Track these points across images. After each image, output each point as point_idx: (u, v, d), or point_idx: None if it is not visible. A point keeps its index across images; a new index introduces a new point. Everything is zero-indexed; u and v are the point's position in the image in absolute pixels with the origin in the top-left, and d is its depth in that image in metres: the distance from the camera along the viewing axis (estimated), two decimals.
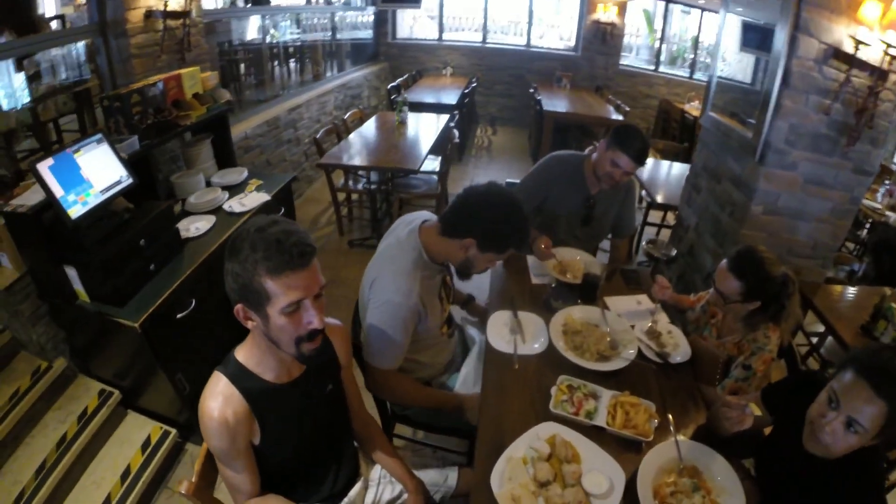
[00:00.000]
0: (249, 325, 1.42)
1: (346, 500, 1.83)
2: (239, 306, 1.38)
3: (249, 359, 1.52)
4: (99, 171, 2.45)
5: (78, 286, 2.45)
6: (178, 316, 2.63)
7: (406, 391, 2.14)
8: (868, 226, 4.97)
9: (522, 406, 1.92)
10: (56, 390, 2.70)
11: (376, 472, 1.95)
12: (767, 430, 1.89)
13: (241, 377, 1.49)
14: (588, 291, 2.51)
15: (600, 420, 1.83)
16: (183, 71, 3.39)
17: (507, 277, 2.74)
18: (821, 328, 3.43)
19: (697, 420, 1.92)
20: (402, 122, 5.87)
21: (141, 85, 3.04)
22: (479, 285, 2.69)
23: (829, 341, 3.41)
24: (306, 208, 6.05)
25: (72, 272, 2.41)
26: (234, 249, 1.33)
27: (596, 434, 1.79)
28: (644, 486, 1.58)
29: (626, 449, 1.77)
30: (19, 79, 3.10)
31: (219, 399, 1.44)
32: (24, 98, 3.17)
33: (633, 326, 2.31)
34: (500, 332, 2.28)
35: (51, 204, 2.23)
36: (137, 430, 2.80)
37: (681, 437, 1.79)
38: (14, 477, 2.35)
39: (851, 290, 3.30)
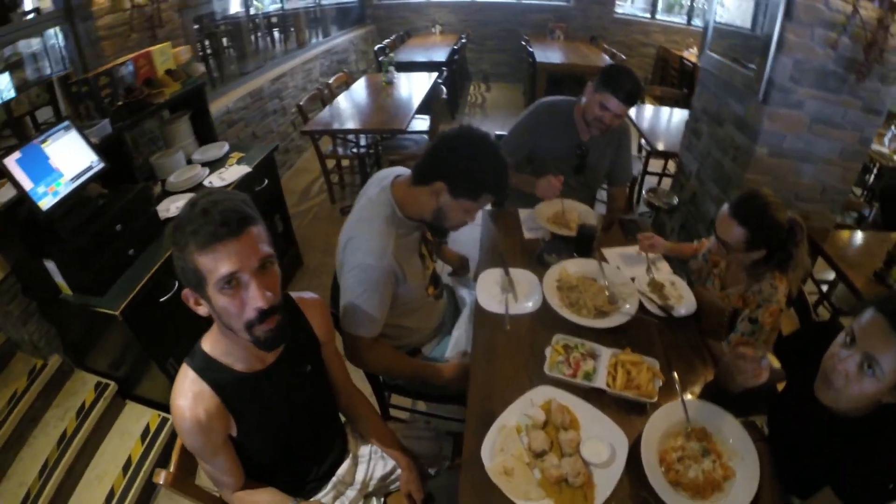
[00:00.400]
0: (200, 310, 1.30)
1: (334, 479, 1.74)
2: (186, 291, 1.28)
3: (216, 348, 1.40)
4: (68, 159, 2.39)
5: (59, 279, 2.38)
6: (161, 300, 2.54)
7: (386, 362, 2.02)
8: (875, 171, 4.81)
9: (515, 370, 1.81)
10: (53, 387, 2.66)
11: (366, 447, 1.85)
12: (781, 386, 1.75)
13: (209, 369, 1.38)
14: (583, 244, 2.37)
15: (600, 381, 1.71)
16: (153, 48, 3.27)
17: (497, 234, 2.62)
18: (830, 275, 3.34)
19: (705, 377, 1.79)
20: (390, 83, 5.76)
21: (108, 66, 2.95)
22: (474, 244, 2.58)
23: (841, 289, 3.29)
24: (297, 179, 5.98)
25: (51, 265, 2.34)
26: (172, 230, 1.22)
27: (595, 397, 1.68)
28: (649, 452, 1.47)
29: (629, 412, 1.65)
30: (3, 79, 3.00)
31: (188, 397, 1.34)
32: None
33: (633, 279, 2.19)
34: (490, 291, 2.16)
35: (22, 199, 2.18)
36: (136, 419, 2.76)
37: (688, 397, 1.66)
38: (19, 479, 2.33)
39: (862, 236, 3.17)
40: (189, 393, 1.35)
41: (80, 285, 2.38)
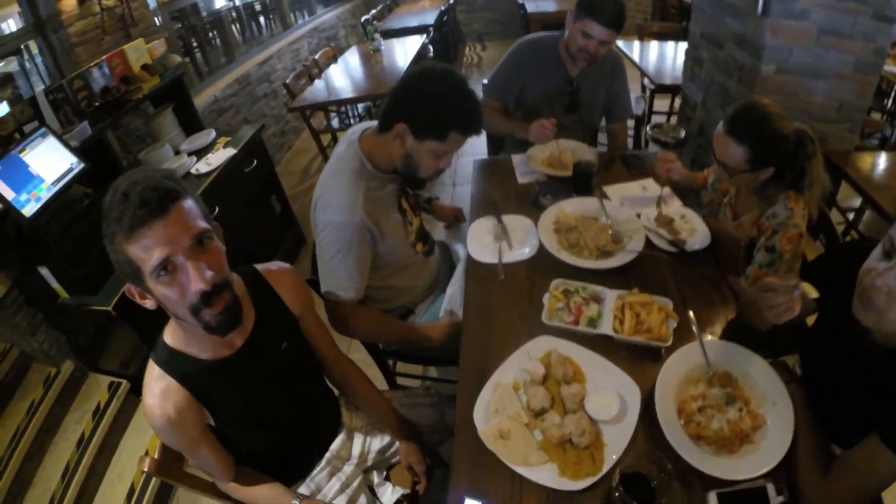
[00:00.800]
0: (147, 304, 1.19)
1: (328, 455, 1.66)
2: (128, 286, 1.18)
3: (177, 339, 1.32)
4: (48, 164, 2.46)
5: (55, 284, 2.45)
6: None
7: (371, 327, 1.92)
8: (894, 94, 4.60)
9: (511, 323, 1.68)
10: (69, 393, 2.72)
11: (361, 420, 1.76)
12: (811, 320, 1.54)
13: (173, 362, 1.30)
14: (581, 181, 2.22)
15: (605, 327, 1.57)
16: (126, 46, 3.30)
17: (489, 183, 2.47)
18: (856, 202, 3.19)
19: (726, 315, 1.63)
20: (377, 50, 5.65)
21: (81, 70, 2.99)
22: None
23: (868, 215, 3.16)
24: (297, 159, 5.92)
25: (45, 271, 2.41)
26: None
27: (601, 345, 1.55)
28: (665, 404, 1.31)
29: (641, 359, 1.51)
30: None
31: (156, 394, 1.27)
32: None
33: (638, 215, 2.02)
34: (482, 240, 2.04)
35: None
36: None
37: (707, 338, 1.52)
38: (44, 485, 2.38)
39: (886, 157, 2.96)
40: (156, 390, 1.27)
41: (74, 286, 2.43)
